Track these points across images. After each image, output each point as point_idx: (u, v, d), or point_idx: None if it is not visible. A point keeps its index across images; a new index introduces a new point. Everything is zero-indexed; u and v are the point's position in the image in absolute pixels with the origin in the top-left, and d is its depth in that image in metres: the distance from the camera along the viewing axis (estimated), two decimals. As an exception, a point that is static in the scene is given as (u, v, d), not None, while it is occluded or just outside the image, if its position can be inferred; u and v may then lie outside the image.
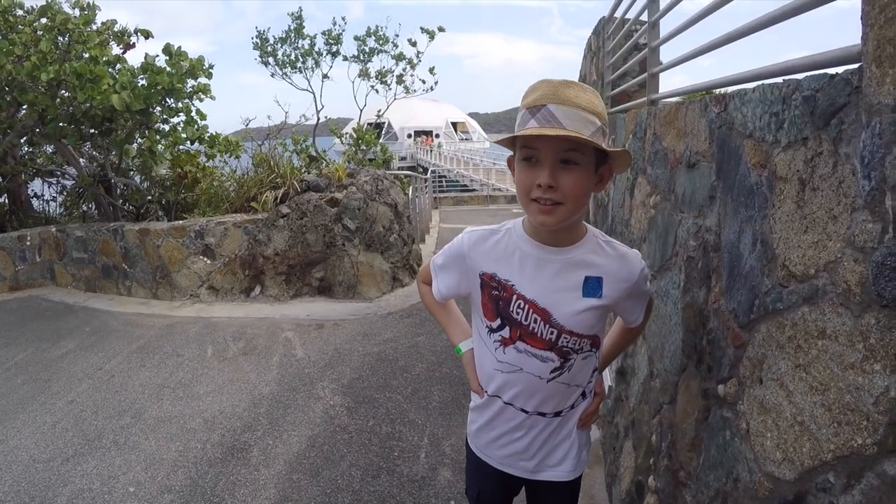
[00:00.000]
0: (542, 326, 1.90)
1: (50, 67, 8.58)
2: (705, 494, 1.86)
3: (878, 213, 1.05)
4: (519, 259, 1.91)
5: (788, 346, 1.38)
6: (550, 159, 1.68)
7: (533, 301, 1.89)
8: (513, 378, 1.99)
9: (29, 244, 10.04)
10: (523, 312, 1.91)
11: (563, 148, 1.68)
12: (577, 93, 1.69)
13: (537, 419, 2.04)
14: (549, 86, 1.71)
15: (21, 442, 4.74)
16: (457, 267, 2.07)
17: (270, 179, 9.08)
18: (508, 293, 1.92)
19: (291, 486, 4.00)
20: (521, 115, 1.73)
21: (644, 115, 3.29)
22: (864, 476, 1.09)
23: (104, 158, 10.65)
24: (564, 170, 1.70)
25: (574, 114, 1.66)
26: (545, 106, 1.67)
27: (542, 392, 1.99)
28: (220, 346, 6.70)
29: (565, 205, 1.71)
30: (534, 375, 1.96)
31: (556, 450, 2.10)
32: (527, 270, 1.90)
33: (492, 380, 2.05)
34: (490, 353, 2.02)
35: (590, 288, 1.88)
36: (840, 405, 1.17)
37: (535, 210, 1.74)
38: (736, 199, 1.76)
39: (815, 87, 1.28)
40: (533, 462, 2.11)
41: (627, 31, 4.78)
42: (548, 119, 1.65)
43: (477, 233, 2.02)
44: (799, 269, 1.34)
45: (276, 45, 19.13)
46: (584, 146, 1.68)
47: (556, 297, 1.88)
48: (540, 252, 1.88)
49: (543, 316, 1.89)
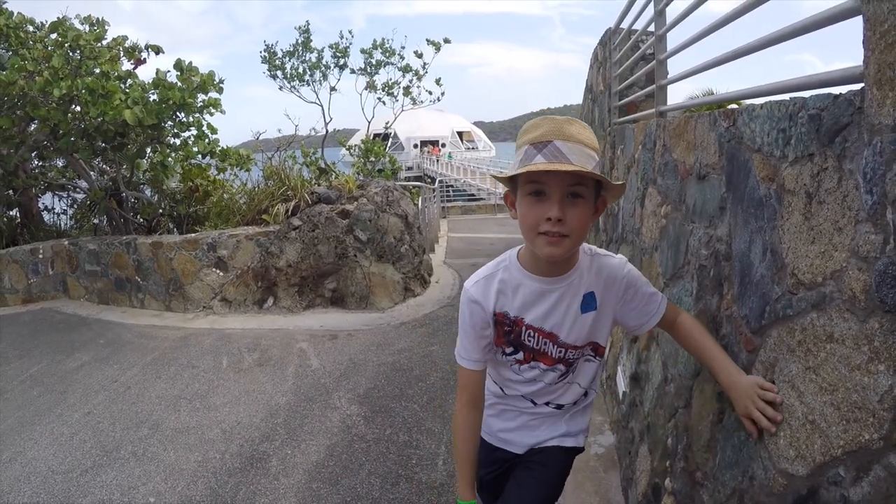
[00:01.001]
0: (551, 347, 2.08)
1: (62, 83, 8.66)
2: (722, 493, 1.93)
3: (880, 225, 1.13)
4: (523, 294, 2.02)
5: (798, 349, 1.46)
6: (559, 193, 1.75)
7: (540, 328, 2.05)
8: (530, 387, 2.19)
9: (41, 257, 10.11)
10: (534, 340, 2.07)
11: (570, 182, 1.75)
12: (579, 130, 1.77)
13: (543, 408, 2.24)
14: (553, 123, 1.78)
15: (39, 454, 4.78)
16: (477, 320, 2.08)
17: (281, 192, 9.13)
18: (519, 326, 2.06)
19: (311, 495, 4.04)
20: (525, 150, 1.79)
21: (653, 127, 3.36)
22: (871, 469, 1.17)
23: (116, 172, 10.73)
24: (571, 203, 1.77)
25: (578, 150, 1.73)
26: (551, 142, 1.73)
27: (552, 391, 2.20)
28: (235, 357, 6.75)
29: (571, 237, 1.79)
30: (545, 383, 2.16)
31: (556, 427, 2.28)
32: (532, 303, 2.03)
33: (507, 383, 2.23)
34: (506, 367, 2.20)
35: (586, 304, 2.02)
36: (848, 404, 1.24)
37: (542, 243, 1.81)
38: (746, 210, 1.84)
39: (821, 106, 1.36)
40: (533, 438, 2.29)
41: (634, 42, 4.86)
42: (555, 154, 1.72)
43: (479, 283, 2.08)
44: (807, 277, 1.42)
45: (284, 59, 19.18)
46: (588, 180, 1.77)
47: (560, 320, 2.03)
48: (541, 284, 2.00)
49: (552, 339, 2.06)
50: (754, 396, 1.68)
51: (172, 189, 11.12)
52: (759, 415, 1.65)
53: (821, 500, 1.34)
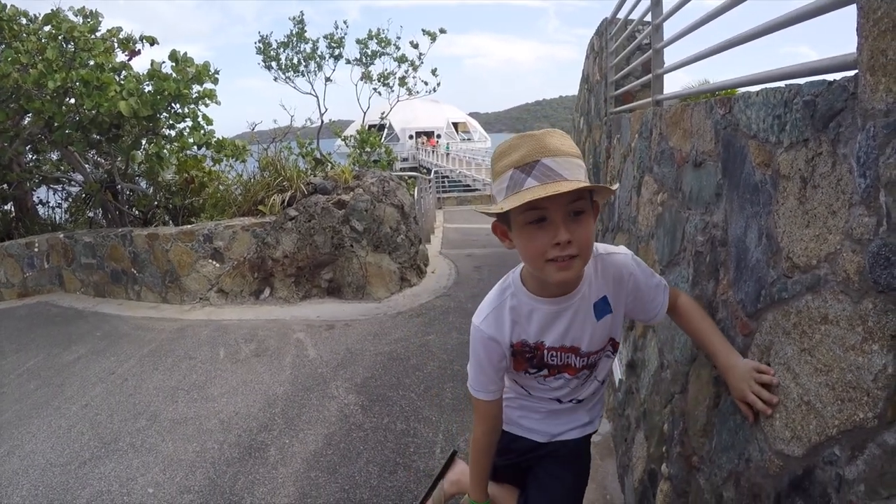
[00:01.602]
0: (573, 359, 2.05)
1: (56, 75, 8.64)
2: (718, 476, 1.95)
3: (873, 208, 1.15)
4: (537, 319, 1.96)
5: (794, 332, 1.48)
6: (561, 214, 1.65)
7: (562, 346, 2.01)
8: (555, 392, 2.18)
9: (37, 250, 10.11)
10: (557, 357, 2.04)
11: (571, 200, 1.64)
12: (561, 141, 1.68)
13: (568, 404, 2.22)
14: (532, 140, 1.67)
15: (37, 446, 4.80)
16: (493, 355, 2.02)
17: (277, 183, 9.13)
18: (540, 350, 2.02)
19: (310, 484, 4.07)
20: (511, 175, 1.67)
21: (650, 116, 3.37)
22: (866, 447, 1.19)
23: (111, 164, 10.70)
24: (575, 221, 1.67)
25: (568, 163, 1.64)
26: (539, 161, 1.63)
27: (577, 390, 2.18)
28: (232, 348, 6.77)
29: (581, 256, 1.70)
30: (571, 388, 2.16)
31: (578, 417, 2.29)
32: (548, 326, 1.97)
33: (534, 390, 2.20)
34: (532, 379, 2.14)
35: (600, 310, 1.97)
36: (843, 384, 1.26)
37: (553, 270, 1.71)
38: (742, 196, 1.85)
39: (815, 92, 1.38)
40: (559, 427, 2.28)
41: (631, 32, 4.87)
42: (546, 174, 1.62)
43: (489, 318, 2.00)
44: (802, 260, 1.44)
45: (279, 50, 19.16)
46: (585, 192, 1.66)
47: (579, 334, 1.99)
48: (552, 306, 1.94)
49: (574, 352, 2.03)
50: (750, 380, 1.66)
51: (168, 181, 11.11)
52: (754, 398, 1.64)
53: (816, 479, 1.36)
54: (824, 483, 1.32)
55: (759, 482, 1.65)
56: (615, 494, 3.73)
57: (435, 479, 2.99)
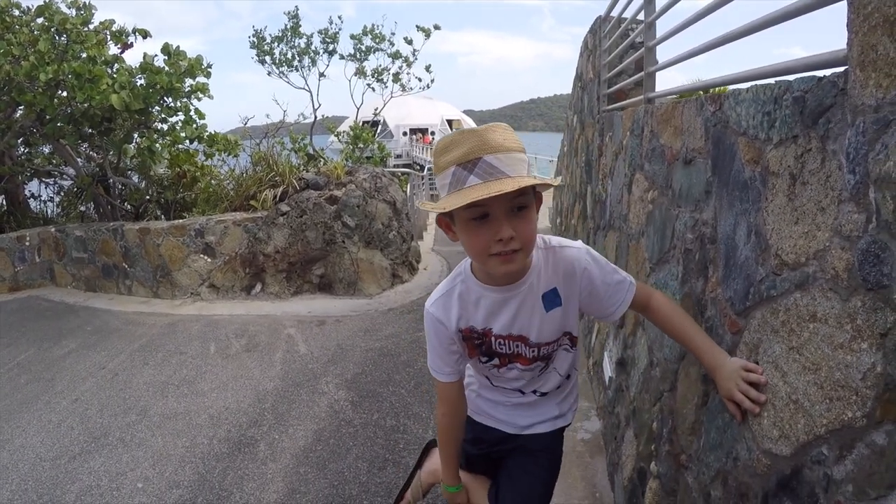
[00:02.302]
0: (524, 349, 2.05)
1: (48, 67, 8.60)
2: (706, 475, 1.95)
3: (862, 204, 1.15)
4: (485, 306, 1.98)
5: (782, 329, 1.48)
6: (503, 211, 1.65)
7: (509, 335, 2.02)
8: (513, 382, 2.20)
9: (28, 244, 10.06)
10: (505, 346, 2.05)
11: (514, 196, 1.63)
12: (503, 136, 1.66)
13: (530, 396, 2.25)
14: (474, 135, 1.66)
15: (27, 441, 4.77)
16: (442, 339, 2.07)
17: (269, 178, 9.10)
18: (488, 337, 2.04)
19: (299, 479, 4.06)
20: (453, 171, 1.67)
21: (641, 113, 3.37)
22: (855, 447, 1.18)
23: (103, 158, 10.67)
24: (518, 216, 1.68)
25: (510, 158, 1.63)
26: (481, 158, 1.62)
27: (536, 381, 2.21)
28: (223, 343, 6.75)
29: (524, 250, 1.72)
30: (527, 379, 2.18)
31: (547, 410, 2.29)
32: (495, 313, 1.99)
33: (494, 378, 2.23)
34: (488, 370, 2.18)
35: (549, 301, 1.97)
36: (831, 382, 1.26)
37: (496, 263, 1.73)
38: (731, 193, 1.85)
39: (805, 88, 1.37)
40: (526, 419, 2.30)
41: (624, 30, 4.86)
42: (489, 172, 1.61)
43: (439, 302, 2.04)
44: (791, 257, 1.43)
45: (273, 44, 19.13)
46: (528, 188, 1.65)
47: (527, 323, 1.99)
48: (499, 294, 1.95)
49: (523, 341, 2.03)
50: (738, 379, 1.66)
51: (160, 175, 11.07)
52: (742, 396, 1.64)
53: (804, 479, 1.35)
54: (812, 483, 1.32)
55: (747, 481, 1.64)
56: (605, 492, 3.72)
57: (412, 470, 3.01)
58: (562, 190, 10.09)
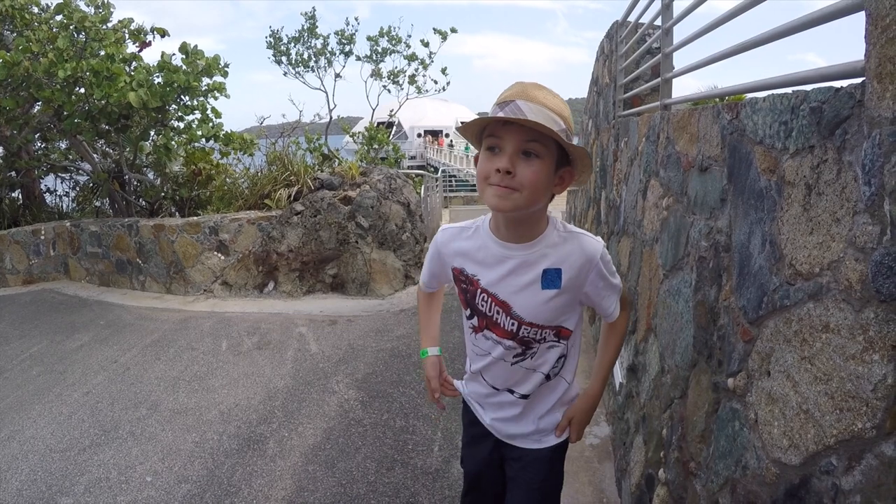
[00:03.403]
0: (503, 318, 2.03)
1: (67, 64, 8.65)
2: (715, 483, 1.95)
3: (877, 216, 1.15)
4: (484, 255, 2.02)
5: (795, 339, 1.48)
6: (512, 148, 1.75)
7: (494, 294, 2.01)
8: (485, 360, 2.16)
9: (43, 238, 10.13)
10: (487, 305, 2.04)
11: (525, 138, 1.74)
12: (545, 94, 1.79)
13: (506, 395, 2.20)
14: (520, 86, 1.81)
15: (37, 432, 4.81)
16: (435, 261, 2.24)
17: (284, 177, 9.14)
18: (474, 287, 2.06)
19: (307, 477, 4.07)
20: (491, 110, 1.82)
21: (657, 120, 3.37)
22: (864, 458, 1.18)
23: (119, 155, 10.73)
24: (525, 160, 1.76)
25: (539, 111, 1.73)
26: (514, 101, 1.75)
27: (508, 374, 2.15)
28: (235, 340, 6.78)
29: (521, 192, 1.77)
30: (499, 359, 2.11)
31: (525, 424, 2.23)
32: (490, 265, 2.01)
33: (472, 359, 2.26)
34: (468, 336, 2.22)
35: (548, 280, 1.95)
36: (842, 393, 1.26)
37: (490, 193, 1.80)
38: (746, 202, 1.85)
39: (822, 99, 1.37)
40: (507, 428, 2.27)
41: (640, 36, 4.86)
42: (514, 112, 1.72)
43: (449, 230, 2.15)
44: (805, 267, 1.43)
45: (290, 45, 19.19)
46: (545, 140, 1.75)
47: (514, 290, 1.98)
48: (501, 249, 1.97)
49: (504, 308, 2.01)
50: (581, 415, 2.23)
51: (175, 172, 11.13)
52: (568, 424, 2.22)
53: (813, 489, 1.35)
54: (820, 493, 1.32)
55: (755, 490, 1.64)
56: (612, 498, 3.72)
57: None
58: (576, 194, 10.08)
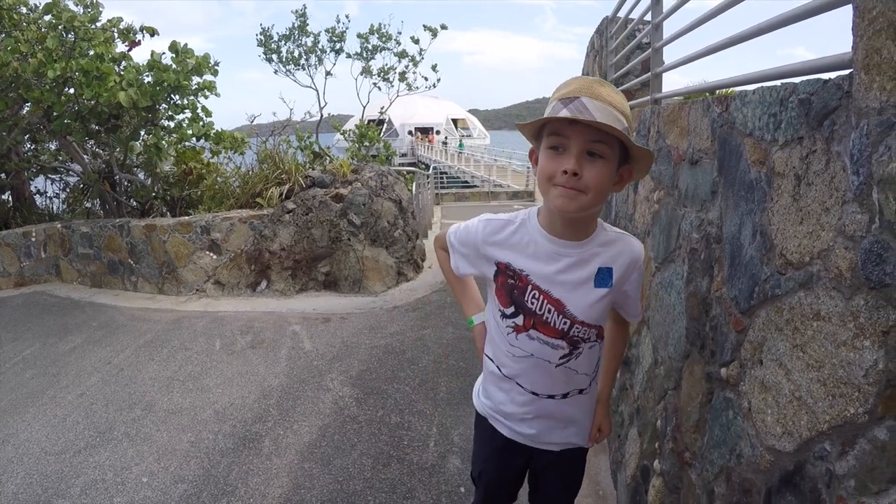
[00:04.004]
0: (555, 317, 1.95)
1: (56, 65, 8.61)
2: (710, 472, 1.97)
3: (866, 205, 1.17)
4: (533, 251, 1.94)
5: (786, 328, 1.50)
6: (578, 148, 1.71)
7: (547, 292, 1.93)
8: (524, 363, 2.04)
9: (34, 240, 10.09)
10: (538, 302, 1.95)
11: (591, 139, 1.71)
12: (609, 92, 1.74)
13: (546, 401, 2.09)
14: (584, 81, 1.76)
15: (32, 435, 4.80)
16: (471, 253, 2.11)
17: (275, 175, 9.13)
18: (524, 283, 1.96)
19: (304, 475, 4.08)
20: (553, 105, 1.76)
21: (648, 114, 3.39)
22: (857, 442, 1.20)
23: (109, 155, 10.69)
24: (590, 161, 1.72)
25: (605, 109, 1.69)
26: (578, 98, 1.70)
27: (551, 377, 2.04)
28: (228, 339, 6.78)
29: (587, 195, 1.73)
30: (543, 360, 2.01)
31: (566, 424, 2.17)
32: (541, 261, 1.93)
33: (504, 363, 2.11)
34: (503, 336, 2.06)
35: (601, 278, 1.92)
36: (834, 379, 1.28)
37: (555, 195, 1.76)
38: (737, 193, 1.87)
39: (810, 90, 1.39)
40: (542, 433, 2.17)
41: (631, 31, 4.88)
42: (580, 110, 1.68)
43: (493, 223, 2.04)
44: (795, 257, 1.45)
45: (280, 43, 19.14)
46: (610, 141, 1.72)
47: (570, 289, 1.92)
48: (554, 245, 1.91)
49: (557, 307, 1.93)
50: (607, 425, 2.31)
51: (166, 172, 11.09)
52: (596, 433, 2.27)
53: (807, 475, 1.37)
54: (815, 478, 1.34)
55: (750, 477, 1.66)
56: (608, 490, 3.75)
57: None
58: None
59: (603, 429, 2.29)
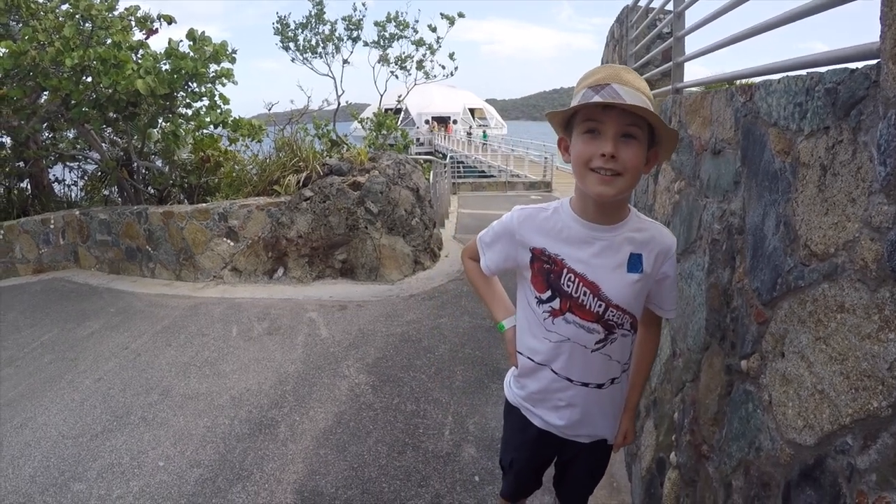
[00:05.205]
0: (590, 299, 2.01)
1: (74, 53, 8.63)
2: (728, 465, 1.96)
3: (892, 196, 1.15)
4: (567, 235, 2.01)
5: (809, 320, 1.48)
6: (613, 131, 1.78)
7: (583, 275, 1.99)
8: (560, 347, 2.10)
9: (53, 227, 10.15)
10: (573, 285, 2.01)
11: (625, 122, 1.78)
12: (635, 78, 1.81)
13: (580, 389, 2.14)
14: (611, 69, 1.82)
15: (49, 419, 4.84)
16: (505, 242, 2.17)
17: (293, 163, 9.13)
18: (559, 267, 2.02)
19: (319, 461, 4.10)
20: (583, 93, 1.82)
21: (669, 104, 3.36)
22: (879, 436, 1.19)
23: (127, 143, 10.73)
24: (625, 143, 1.79)
25: (634, 94, 1.76)
26: (609, 85, 1.76)
27: (587, 362, 2.10)
28: (245, 325, 6.81)
29: (624, 176, 1.81)
30: (579, 345, 2.07)
31: (597, 417, 2.23)
32: (575, 246, 2.00)
33: (539, 349, 2.16)
34: (539, 322, 2.12)
35: (633, 263, 1.98)
36: (857, 372, 1.26)
37: (594, 180, 1.83)
38: (760, 184, 1.85)
39: (837, 80, 1.37)
40: (574, 423, 2.22)
41: (651, 20, 4.84)
42: (612, 96, 1.74)
43: (527, 210, 2.11)
44: (820, 248, 1.43)
45: (297, 31, 19.17)
46: (641, 123, 1.80)
47: (604, 272, 1.98)
48: (588, 230, 1.98)
49: (593, 289, 2.00)
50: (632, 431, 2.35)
51: (184, 159, 11.14)
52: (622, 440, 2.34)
53: (828, 469, 1.36)
54: (835, 472, 1.32)
55: (769, 471, 1.65)
56: (622, 482, 3.74)
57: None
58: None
59: (628, 436, 2.34)
